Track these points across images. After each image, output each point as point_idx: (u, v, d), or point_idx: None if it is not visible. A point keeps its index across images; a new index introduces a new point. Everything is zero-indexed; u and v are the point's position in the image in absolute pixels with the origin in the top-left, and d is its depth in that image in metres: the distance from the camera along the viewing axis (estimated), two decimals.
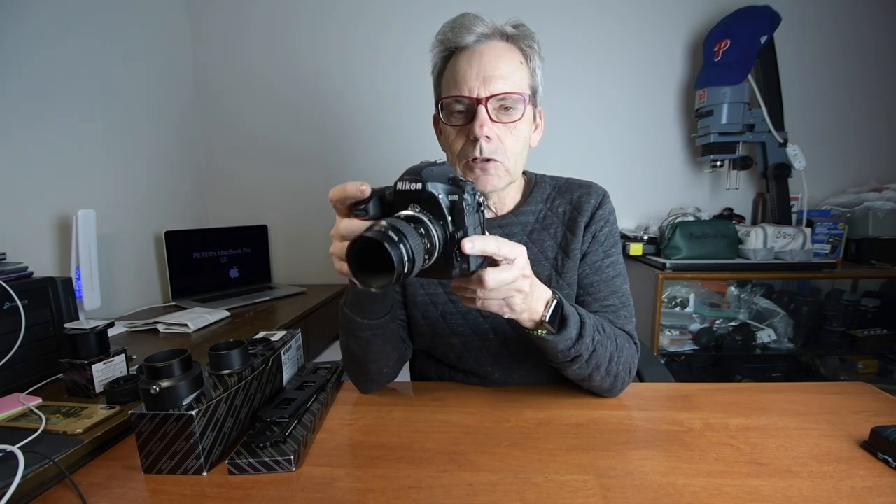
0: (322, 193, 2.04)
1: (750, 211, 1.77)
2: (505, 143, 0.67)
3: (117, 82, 1.42)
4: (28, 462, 0.50)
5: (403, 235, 0.39)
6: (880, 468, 0.50)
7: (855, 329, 1.53)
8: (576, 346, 0.59)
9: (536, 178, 0.82)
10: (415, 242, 0.40)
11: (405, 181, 0.45)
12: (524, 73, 0.68)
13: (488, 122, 0.65)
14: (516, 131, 0.68)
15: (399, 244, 0.38)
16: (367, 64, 1.77)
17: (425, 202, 0.44)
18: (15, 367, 0.76)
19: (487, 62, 0.65)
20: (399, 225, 0.40)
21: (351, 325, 0.65)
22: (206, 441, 0.52)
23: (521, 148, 0.70)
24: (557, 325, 0.58)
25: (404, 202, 0.45)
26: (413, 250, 0.39)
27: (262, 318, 1.31)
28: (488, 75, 0.65)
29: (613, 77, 1.72)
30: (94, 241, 1.17)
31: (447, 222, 0.44)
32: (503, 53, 0.66)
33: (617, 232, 0.77)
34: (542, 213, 0.77)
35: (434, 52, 0.71)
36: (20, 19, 1.12)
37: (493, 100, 0.65)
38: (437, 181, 0.44)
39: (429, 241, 0.42)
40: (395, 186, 0.46)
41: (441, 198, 0.44)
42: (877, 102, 1.68)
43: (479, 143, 0.65)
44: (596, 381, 0.65)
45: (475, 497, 0.47)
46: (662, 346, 1.51)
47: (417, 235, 0.40)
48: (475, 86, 0.65)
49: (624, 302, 0.73)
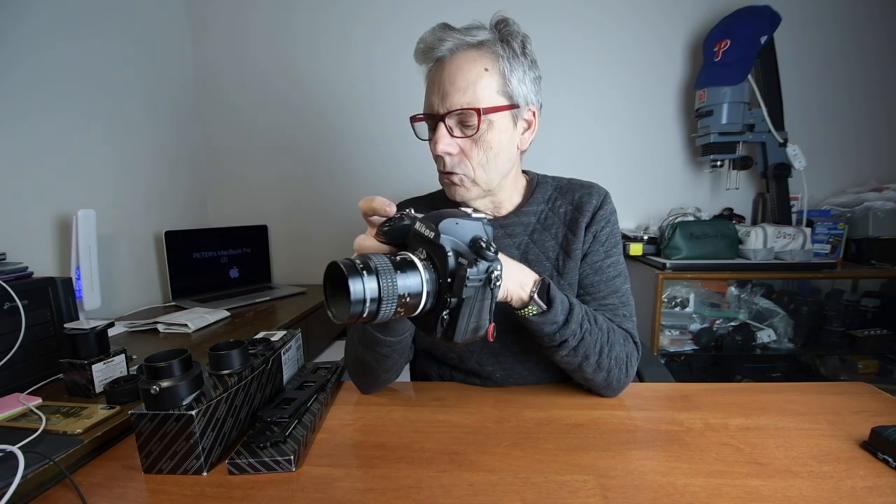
0: (322, 193, 2.04)
1: (750, 211, 1.77)
2: (470, 155, 0.67)
3: (117, 82, 1.42)
4: (28, 462, 0.50)
5: (377, 275, 0.36)
6: (880, 468, 0.50)
7: (855, 329, 1.53)
8: (561, 331, 0.61)
9: (538, 178, 0.82)
10: (387, 288, 0.37)
11: (423, 224, 0.43)
12: (489, 80, 0.65)
13: (447, 137, 0.66)
14: (483, 142, 0.66)
15: (363, 281, 0.36)
16: (367, 64, 1.77)
17: (433, 253, 0.42)
18: (15, 367, 0.76)
19: (446, 77, 0.65)
20: (378, 263, 0.37)
21: (370, 340, 0.65)
22: (206, 441, 0.52)
23: (491, 158, 0.68)
24: (546, 305, 0.59)
25: (417, 243, 0.44)
26: (382, 295, 0.37)
27: (262, 318, 1.31)
28: (445, 91, 0.65)
29: (613, 77, 1.72)
30: (94, 241, 1.17)
31: (445, 283, 0.41)
32: (463, 65, 0.65)
33: (618, 232, 0.78)
34: (543, 213, 0.77)
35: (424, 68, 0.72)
36: (20, 19, 1.12)
37: (452, 115, 0.65)
38: (453, 236, 0.41)
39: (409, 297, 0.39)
40: (415, 226, 0.43)
41: (449, 256, 0.41)
42: (877, 102, 1.68)
43: (441, 158, 0.67)
44: (588, 373, 0.66)
45: (475, 497, 0.47)
46: (662, 346, 1.51)
47: (395, 283, 0.37)
48: (435, 102, 0.66)
49: (624, 301, 0.74)
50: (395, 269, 0.38)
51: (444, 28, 0.67)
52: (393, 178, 1.83)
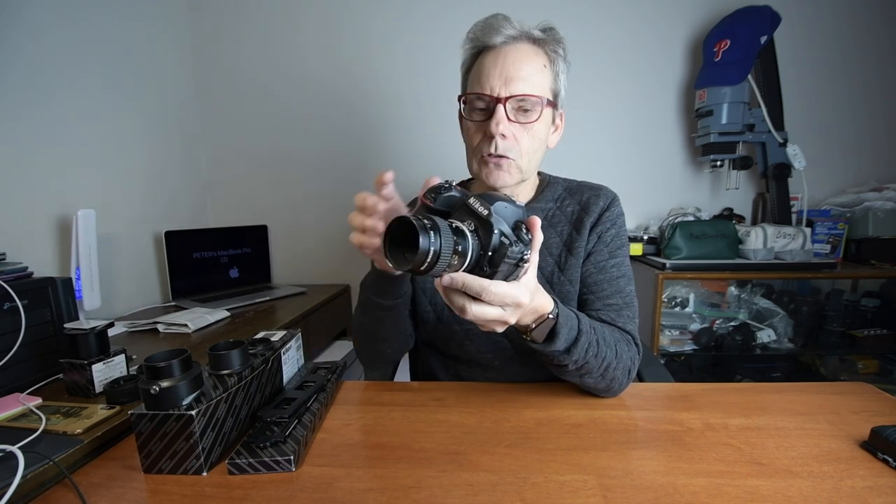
0: (322, 193, 2.04)
1: (750, 211, 1.77)
2: (520, 142, 0.69)
3: (118, 82, 1.42)
4: (28, 462, 0.50)
5: (439, 234, 0.42)
6: (880, 468, 0.50)
7: (855, 329, 1.53)
8: (560, 357, 0.60)
9: (549, 178, 0.84)
10: (446, 245, 0.42)
11: (477, 201, 0.47)
12: (546, 76, 0.70)
13: (505, 120, 0.67)
14: (532, 132, 0.70)
15: (431, 238, 0.41)
16: (367, 64, 1.77)
17: (481, 228, 0.46)
18: (15, 367, 0.76)
19: (511, 63, 0.67)
20: (441, 225, 0.43)
21: (367, 302, 0.72)
22: (206, 441, 0.52)
23: (535, 148, 0.72)
24: (545, 337, 0.58)
25: (465, 215, 0.48)
26: (442, 249, 0.42)
27: (262, 318, 1.31)
28: (510, 76, 0.67)
29: (613, 77, 1.72)
30: (94, 241, 1.17)
31: (485, 255, 0.46)
32: (527, 56, 0.68)
33: (625, 236, 0.78)
34: (551, 211, 0.79)
35: (464, 49, 0.74)
36: (20, 19, 1.12)
37: (513, 100, 0.67)
38: (502, 217, 0.46)
39: (458, 257, 0.44)
40: (468, 201, 0.48)
41: (495, 233, 0.45)
42: (877, 102, 1.68)
43: (494, 139, 0.68)
44: (589, 384, 0.66)
45: (475, 497, 0.47)
46: (662, 346, 1.51)
47: (452, 243, 0.43)
48: (496, 85, 0.67)
49: (627, 302, 0.74)
50: (452, 234, 0.43)
51: (505, 17, 0.69)
52: (394, 175, 1.83)
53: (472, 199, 0.47)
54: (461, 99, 0.73)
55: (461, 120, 0.76)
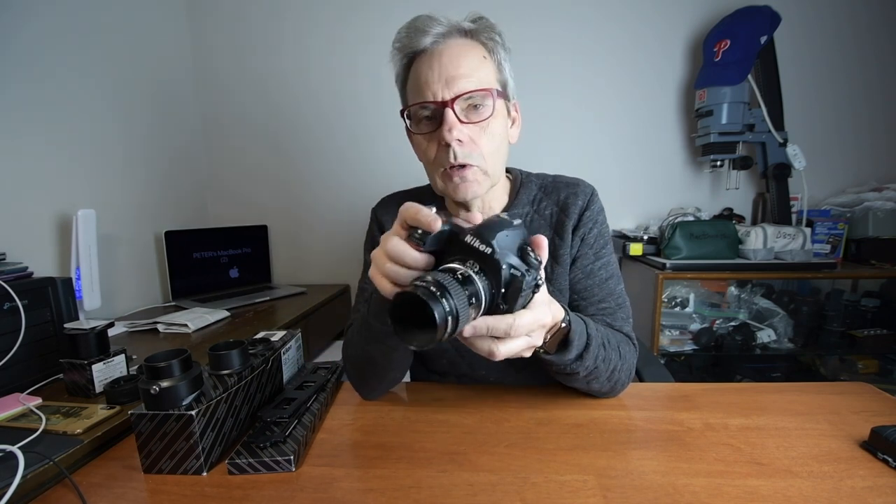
0: (322, 193, 2.04)
1: (750, 211, 1.77)
2: (479, 144, 0.64)
3: (118, 82, 1.42)
4: (28, 462, 0.50)
5: (452, 297, 0.38)
6: (880, 468, 0.50)
7: (855, 329, 1.53)
8: (573, 365, 0.58)
9: (522, 177, 0.78)
10: (461, 304, 0.38)
11: (476, 239, 0.42)
12: (489, 67, 0.65)
13: (457, 124, 0.61)
14: (490, 130, 0.64)
15: (444, 305, 0.37)
16: (367, 63, 1.77)
17: (486, 266, 0.42)
18: (15, 367, 0.77)
19: (448, 62, 0.62)
20: (447, 284, 0.38)
21: (376, 335, 0.62)
22: (206, 441, 0.52)
23: (496, 147, 0.66)
24: (557, 346, 0.56)
25: (464, 253, 0.43)
26: (459, 310, 0.38)
27: (262, 318, 1.31)
28: (451, 75, 0.61)
29: (613, 77, 1.72)
30: (94, 241, 1.17)
31: (498, 293, 0.42)
32: (463, 51, 0.63)
33: (607, 232, 0.75)
34: (528, 216, 0.74)
35: (394, 61, 0.69)
36: (21, 19, 1.12)
37: (460, 100, 0.62)
38: (507, 249, 0.42)
39: (474, 308, 0.40)
40: (465, 239, 0.43)
41: (503, 269, 0.42)
42: (877, 102, 1.68)
43: (451, 148, 0.62)
44: (594, 389, 0.65)
45: (475, 497, 0.47)
46: (662, 346, 1.51)
47: (465, 297, 0.39)
48: (438, 89, 0.62)
49: (620, 303, 0.72)
50: (462, 287, 0.39)
51: (429, 16, 0.64)
52: (394, 176, 1.83)
53: (469, 236, 0.43)
54: (403, 113, 0.67)
55: (410, 136, 0.71)
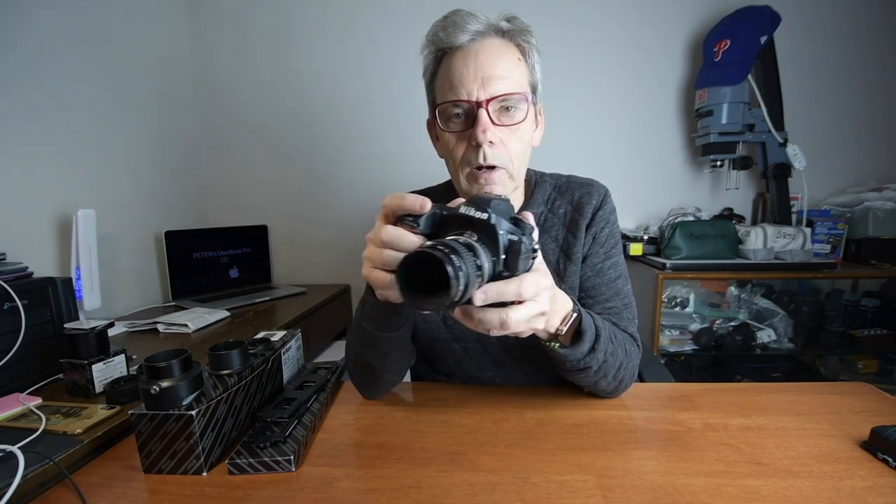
0: (322, 193, 2.03)
1: (750, 211, 1.77)
2: (508, 146, 0.64)
3: (118, 82, 1.42)
4: (28, 462, 0.50)
5: (462, 259, 0.38)
6: (880, 468, 0.50)
7: (855, 329, 1.53)
8: (586, 359, 0.58)
9: (537, 177, 0.79)
10: (471, 265, 0.38)
11: (471, 207, 0.43)
12: (523, 70, 0.65)
13: (490, 126, 0.61)
14: (519, 133, 0.65)
15: (455, 263, 0.37)
16: (367, 63, 1.77)
17: (484, 233, 0.42)
18: (15, 367, 0.77)
19: (484, 62, 0.61)
20: (458, 248, 0.38)
21: (370, 339, 0.62)
22: (206, 441, 0.52)
23: (523, 151, 0.67)
24: (571, 338, 0.56)
25: (460, 226, 0.44)
26: (469, 276, 0.38)
27: (262, 318, 1.31)
28: (487, 76, 0.61)
29: (613, 77, 1.72)
30: (94, 241, 1.17)
31: (499, 260, 0.43)
32: (500, 51, 0.63)
33: (618, 232, 0.77)
34: (542, 215, 0.76)
35: (424, 55, 0.67)
36: (20, 20, 1.12)
37: (494, 102, 0.62)
38: (501, 216, 0.43)
39: (481, 273, 0.40)
40: (458, 210, 0.44)
41: (501, 234, 0.42)
42: (877, 102, 1.68)
43: (481, 148, 0.62)
44: (601, 387, 0.65)
45: (475, 497, 0.47)
46: (662, 346, 1.51)
47: (473, 262, 0.39)
48: (473, 88, 0.61)
49: (626, 304, 0.73)
50: (467, 250, 0.40)
51: (468, 12, 0.63)
52: (394, 176, 1.83)
53: (464, 207, 0.44)
54: (433, 109, 0.67)
55: (431, 130, 0.70)
